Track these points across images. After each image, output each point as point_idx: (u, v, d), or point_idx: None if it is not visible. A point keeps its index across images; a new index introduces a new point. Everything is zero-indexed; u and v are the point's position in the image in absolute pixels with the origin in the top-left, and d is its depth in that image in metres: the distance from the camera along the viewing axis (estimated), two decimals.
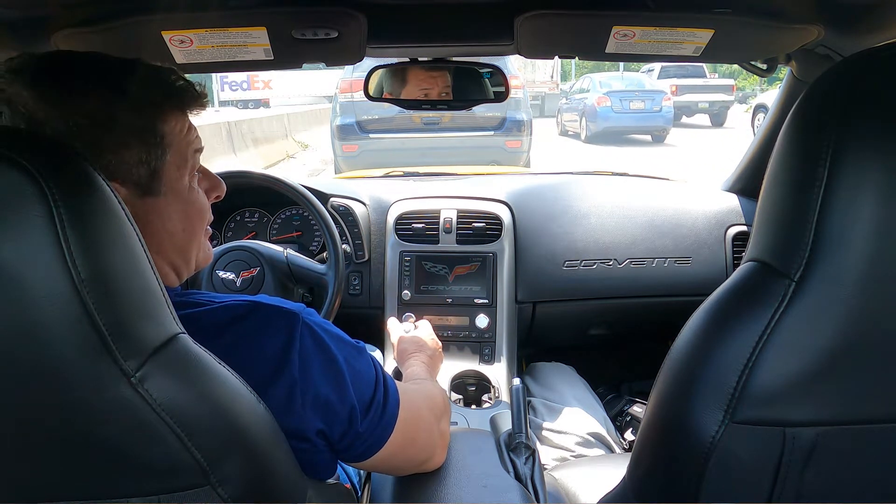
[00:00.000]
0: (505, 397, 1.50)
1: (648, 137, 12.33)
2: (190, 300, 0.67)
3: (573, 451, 1.36)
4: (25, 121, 0.59)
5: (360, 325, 1.65)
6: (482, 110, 5.78)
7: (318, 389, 0.66)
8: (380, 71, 1.32)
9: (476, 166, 2.88)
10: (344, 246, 1.54)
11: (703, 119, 15.21)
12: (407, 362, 1.12)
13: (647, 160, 9.43)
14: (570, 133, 13.74)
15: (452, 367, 1.57)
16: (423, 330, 1.28)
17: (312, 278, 1.45)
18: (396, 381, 0.78)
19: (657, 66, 14.97)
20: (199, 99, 0.69)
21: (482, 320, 1.63)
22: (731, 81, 15.54)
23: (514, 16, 1.02)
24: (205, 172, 0.75)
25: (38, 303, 0.43)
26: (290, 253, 1.44)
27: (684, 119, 15.15)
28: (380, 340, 1.62)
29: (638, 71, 15.71)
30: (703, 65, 14.10)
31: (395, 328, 1.32)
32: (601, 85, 12.79)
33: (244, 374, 0.58)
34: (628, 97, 12.06)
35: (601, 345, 1.99)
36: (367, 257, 1.67)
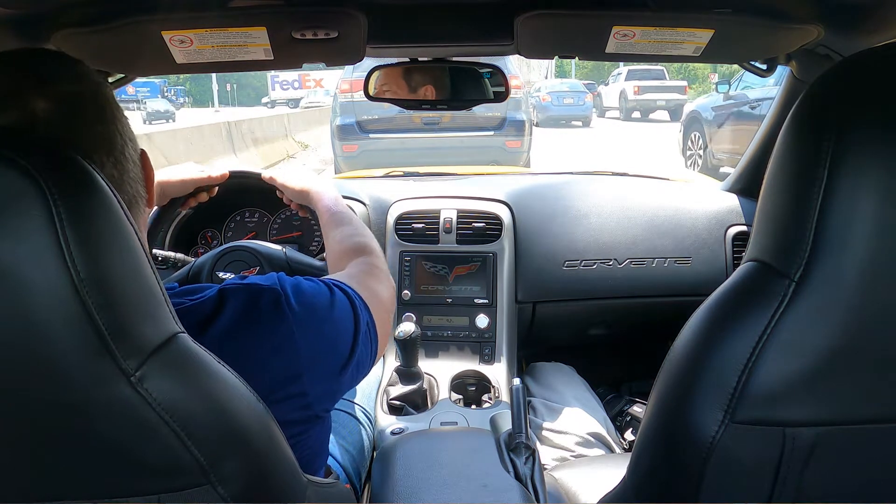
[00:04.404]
0: (505, 397, 1.49)
1: (580, 123, 18.18)
2: None
3: (573, 451, 1.36)
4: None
5: None
6: (482, 110, 5.78)
7: (317, 356, 0.71)
8: (380, 71, 1.32)
9: (476, 166, 2.88)
10: None
11: (664, 115, 18.94)
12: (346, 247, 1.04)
13: (574, 137, 14.64)
14: None
15: (452, 367, 1.57)
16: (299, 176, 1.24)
17: (313, 275, 1.44)
18: (357, 293, 0.84)
19: (625, 69, 18.87)
20: None
21: (482, 320, 1.63)
22: (683, 83, 19.82)
23: (514, 16, 1.02)
24: None
25: (38, 302, 0.43)
26: (290, 251, 1.44)
27: (650, 116, 19.43)
28: None
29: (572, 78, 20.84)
30: (663, 68, 17.82)
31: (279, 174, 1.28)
32: (548, 87, 19.00)
33: (241, 361, 0.58)
34: (563, 95, 18.14)
35: (601, 345, 1.99)
36: None
